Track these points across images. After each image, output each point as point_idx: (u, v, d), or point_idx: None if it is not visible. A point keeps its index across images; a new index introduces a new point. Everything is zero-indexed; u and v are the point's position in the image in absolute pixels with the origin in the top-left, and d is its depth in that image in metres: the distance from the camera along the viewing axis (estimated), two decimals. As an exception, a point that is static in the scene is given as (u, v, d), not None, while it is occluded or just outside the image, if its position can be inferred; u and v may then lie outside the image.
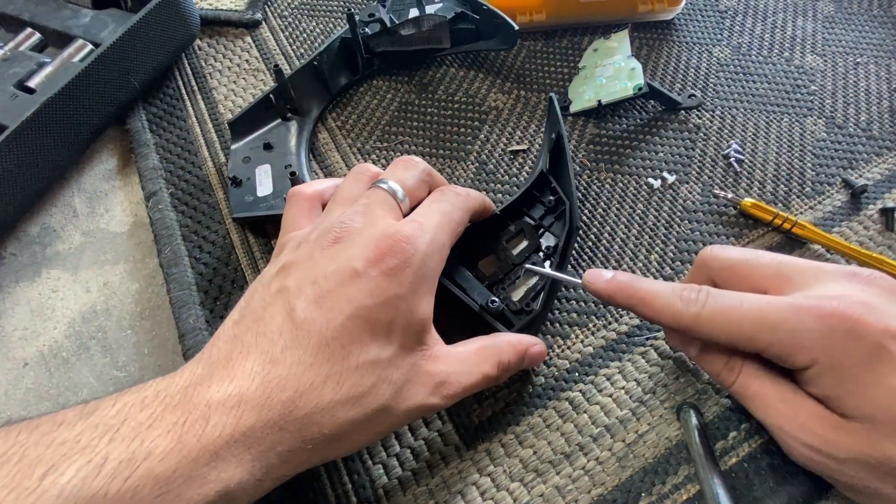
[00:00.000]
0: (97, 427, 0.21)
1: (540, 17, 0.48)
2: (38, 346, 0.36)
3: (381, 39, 0.45)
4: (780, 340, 0.24)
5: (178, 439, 0.21)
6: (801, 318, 0.24)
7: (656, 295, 0.27)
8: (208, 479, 0.21)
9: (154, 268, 0.39)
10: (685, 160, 0.42)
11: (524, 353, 0.30)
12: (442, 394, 0.27)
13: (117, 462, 0.20)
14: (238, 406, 0.23)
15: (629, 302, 0.28)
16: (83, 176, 0.44)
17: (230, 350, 0.25)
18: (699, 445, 0.29)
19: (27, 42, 0.46)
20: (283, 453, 0.23)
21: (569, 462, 0.30)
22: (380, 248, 0.26)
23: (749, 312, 0.25)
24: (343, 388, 0.24)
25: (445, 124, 0.45)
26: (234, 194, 0.40)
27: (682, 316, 0.26)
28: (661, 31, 0.50)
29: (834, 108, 0.44)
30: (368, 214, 0.28)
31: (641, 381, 0.32)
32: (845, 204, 0.39)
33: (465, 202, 0.31)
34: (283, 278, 0.27)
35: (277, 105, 0.43)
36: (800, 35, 0.49)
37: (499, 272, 0.34)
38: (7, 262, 0.40)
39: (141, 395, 0.23)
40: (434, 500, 0.29)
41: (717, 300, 0.26)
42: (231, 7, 0.52)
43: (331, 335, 0.25)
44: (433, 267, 0.28)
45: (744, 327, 0.25)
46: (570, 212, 0.34)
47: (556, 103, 0.38)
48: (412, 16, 0.45)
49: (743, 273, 0.27)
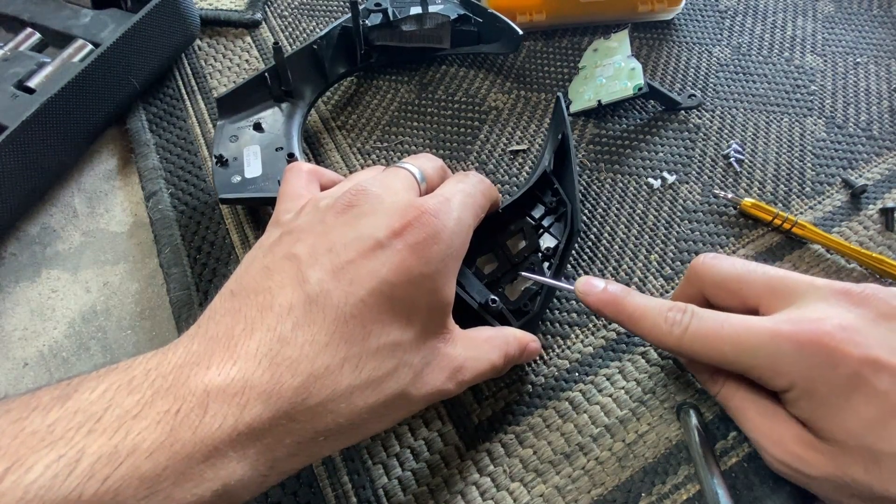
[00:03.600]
0: (75, 415, 0.18)
1: (540, 18, 0.48)
2: (38, 346, 0.36)
3: (382, 32, 0.45)
4: (759, 365, 0.24)
5: (169, 432, 0.18)
6: (779, 343, 0.24)
7: (643, 315, 0.27)
8: (204, 477, 0.19)
9: (154, 268, 0.39)
10: (685, 160, 0.42)
11: (525, 348, 0.29)
12: (457, 379, 0.25)
13: (96, 458, 0.17)
14: (242, 393, 0.20)
15: (617, 318, 0.28)
16: (83, 176, 0.44)
17: (231, 325, 0.22)
18: (699, 445, 0.29)
19: (27, 42, 0.46)
20: (293, 446, 0.21)
21: (569, 462, 0.30)
22: (406, 218, 0.24)
23: (729, 337, 0.25)
24: (363, 373, 0.22)
25: (445, 124, 0.45)
26: (219, 174, 0.38)
27: (666, 338, 0.26)
28: (661, 31, 0.50)
29: (834, 108, 0.44)
30: (387, 185, 0.26)
31: (641, 381, 0.32)
32: (845, 204, 0.39)
33: (487, 188, 0.30)
34: (290, 244, 0.24)
35: (272, 85, 0.42)
36: (800, 35, 0.49)
37: (497, 271, 0.34)
38: (7, 262, 0.40)
39: (129, 374, 0.20)
40: (434, 500, 0.29)
41: (700, 323, 0.26)
42: (231, 7, 0.52)
43: (350, 312, 0.22)
44: (459, 247, 0.26)
45: (725, 351, 0.25)
46: (572, 215, 0.34)
47: (562, 103, 0.38)
48: (415, 12, 0.45)
49: (733, 289, 0.27)
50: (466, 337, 0.27)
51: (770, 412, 0.26)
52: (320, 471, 0.30)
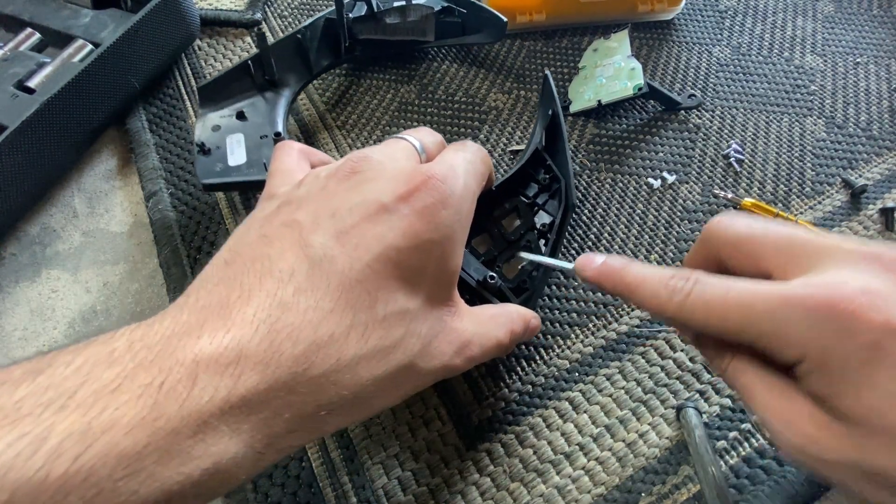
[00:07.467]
0: (46, 390, 0.17)
1: (540, 17, 0.48)
2: (38, 346, 0.36)
3: (366, 25, 0.45)
4: (765, 334, 0.22)
5: (152, 406, 0.17)
6: (789, 309, 0.21)
7: (643, 283, 0.24)
8: (192, 454, 0.17)
9: (154, 268, 0.39)
10: (685, 160, 0.42)
11: (528, 325, 0.29)
12: (465, 355, 0.24)
13: (65, 435, 0.16)
14: (236, 363, 0.18)
15: (615, 290, 0.25)
16: (83, 176, 0.44)
17: (226, 293, 0.20)
18: (699, 445, 0.29)
19: (27, 42, 0.46)
20: (292, 420, 0.19)
21: (569, 462, 0.30)
22: (412, 183, 0.23)
23: (735, 303, 0.22)
24: (369, 342, 0.21)
25: (445, 124, 0.45)
26: (201, 162, 0.38)
27: (665, 307, 0.23)
28: (661, 31, 0.50)
29: (834, 108, 0.44)
30: (388, 153, 0.25)
31: (641, 381, 0.32)
32: (845, 204, 0.39)
33: (486, 156, 0.29)
34: (290, 212, 0.23)
35: (255, 74, 0.41)
36: (800, 35, 0.49)
37: (493, 249, 0.34)
38: (7, 262, 0.40)
39: (109, 346, 0.18)
40: (434, 500, 0.29)
41: (702, 290, 0.23)
42: (231, 7, 0.52)
43: (355, 277, 0.21)
44: (466, 214, 0.25)
45: (729, 320, 0.22)
46: (566, 190, 0.34)
47: (550, 80, 0.38)
48: (398, 5, 0.45)
49: (747, 252, 0.24)
50: (471, 313, 0.26)
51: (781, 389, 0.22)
52: (320, 471, 0.30)
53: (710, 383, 0.32)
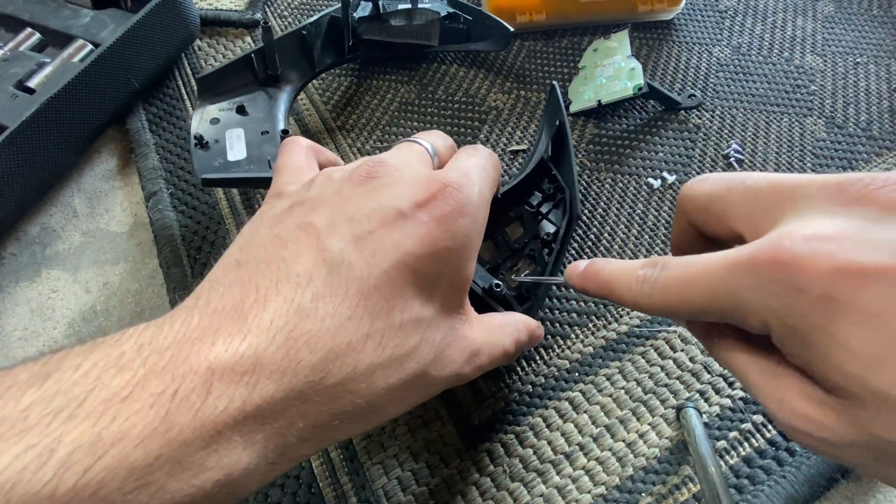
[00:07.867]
0: (54, 397, 0.16)
1: (540, 17, 0.48)
2: (38, 346, 0.36)
3: (370, 26, 0.45)
4: (727, 308, 0.19)
5: (164, 416, 0.16)
6: (738, 277, 0.18)
7: (618, 279, 0.23)
8: (205, 466, 0.17)
9: (154, 268, 0.39)
10: (685, 160, 0.42)
11: (532, 334, 0.29)
12: (474, 364, 0.24)
13: (74, 447, 0.15)
14: (252, 371, 0.18)
15: (598, 292, 0.24)
16: (83, 176, 0.44)
17: (241, 297, 0.20)
18: (699, 445, 0.29)
19: (27, 42, 0.46)
20: (305, 429, 0.19)
21: (569, 462, 0.30)
22: (430, 190, 0.23)
23: (695, 282, 0.20)
24: (386, 350, 0.20)
25: (445, 124, 0.45)
26: (198, 156, 0.37)
27: (639, 300, 0.22)
28: (661, 31, 0.50)
29: (834, 108, 0.44)
30: (403, 158, 0.25)
31: (641, 381, 0.32)
32: (845, 204, 0.39)
33: (497, 162, 0.29)
34: (303, 214, 0.22)
35: (258, 68, 0.41)
36: (800, 35, 0.49)
37: (497, 257, 0.34)
38: (7, 262, 0.40)
39: (118, 349, 0.18)
40: (434, 500, 0.29)
41: (667, 275, 0.21)
42: (231, 7, 0.52)
43: (373, 284, 0.21)
44: (482, 222, 0.25)
45: (693, 300, 0.20)
46: (571, 200, 0.34)
47: (558, 90, 0.38)
48: (404, 7, 0.45)
49: (717, 214, 0.21)
50: (480, 321, 0.26)
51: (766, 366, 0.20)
52: (320, 471, 0.30)
53: (710, 383, 0.32)
